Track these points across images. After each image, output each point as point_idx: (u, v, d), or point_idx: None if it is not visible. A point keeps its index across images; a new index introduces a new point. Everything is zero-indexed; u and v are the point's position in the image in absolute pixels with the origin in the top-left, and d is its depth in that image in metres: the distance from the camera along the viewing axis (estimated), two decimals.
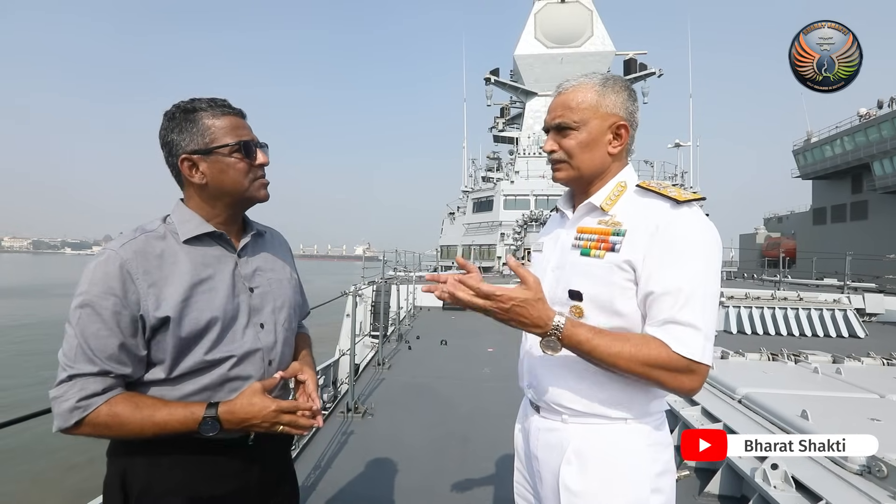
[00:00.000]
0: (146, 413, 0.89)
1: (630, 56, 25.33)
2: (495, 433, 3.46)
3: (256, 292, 1.05)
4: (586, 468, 0.96)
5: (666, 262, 0.89)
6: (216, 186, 1.00)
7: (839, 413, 2.61)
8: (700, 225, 0.91)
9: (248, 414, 0.92)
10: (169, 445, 0.93)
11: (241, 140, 0.99)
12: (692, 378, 0.87)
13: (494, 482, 2.69)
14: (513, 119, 28.10)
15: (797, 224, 34.46)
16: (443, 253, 23.23)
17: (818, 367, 3.62)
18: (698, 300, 0.87)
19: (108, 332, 0.88)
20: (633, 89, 1.04)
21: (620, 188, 1.01)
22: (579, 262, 0.99)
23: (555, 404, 1.02)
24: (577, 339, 0.88)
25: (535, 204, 19.99)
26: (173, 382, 0.95)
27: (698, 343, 0.86)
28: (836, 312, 8.21)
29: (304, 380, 1.08)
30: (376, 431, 3.53)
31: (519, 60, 25.29)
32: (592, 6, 25.02)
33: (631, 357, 0.86)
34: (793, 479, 2.05)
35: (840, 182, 28.77)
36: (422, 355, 6.31)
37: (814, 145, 29.37)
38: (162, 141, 0.99)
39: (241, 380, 0.98)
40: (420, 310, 10.83)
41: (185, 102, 0.99)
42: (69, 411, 0.86)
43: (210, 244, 1.02)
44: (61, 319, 0.91)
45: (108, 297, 0.88)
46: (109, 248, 0.92)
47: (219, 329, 0.96)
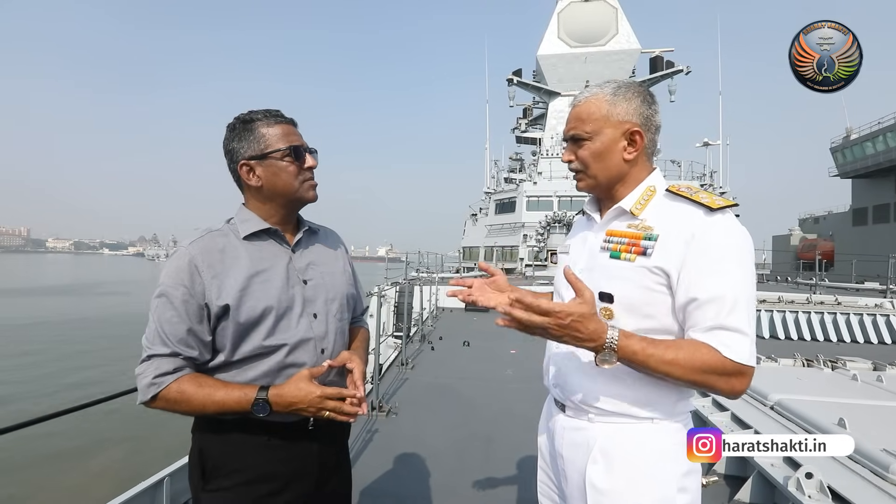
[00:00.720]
0: (207, 391, 0.99)
1: (656, 53, 24.79)
2: (519, 434, 3.47)
3: (310, 284, 1.13)
4: (613, 467, 0.98)
5: (707, 271, 0.90)
6: (270, 188, 1.10)
7: (880, 423, 2.50)
8: (736, 231, 0.93)
9: (295, 398, 0.99)
10: (239, 426, 1.04)
11: (292, 145, 1.09)
12: (741, 380, 0.89)
13: (518, 483, 2.70)
14: (535, 120, 27.93)
15: (835, 225, 32.93)
16: (465, 254, 23.26)
17: (857, 374, 3.47)
18: (743, 305, 0.89)
19: (179, 318, 1.00)
20: (649, 93, 1.06)
21: (650, 192, 1.03)
22: (609, 264, 1.01)
23: (581, 403, 1.03)
24: (632, 349, 0.89)
25: (558, 205, 19.80)
26: (236, 367, 1.05)
27: (746, 347, 0.88)
28: (877, 318, 7.83)
29: (351, 368, 1.14)
30: (400, 430, 3.58)
31: (542, 60, 25.11)
32: (617, 4, 24.62)
33: (686, 364, 0.88)
34: (829, 488, 1.99)
35: (883, 181, 27.33)
36: (444, 356, 6.35)
37: (853, 142, 28.02)
38: (225, 149, 1.12)
39: (296, 367, 1.07)
40: (442, 311, 10.89)
41: (244, 114, 1.11)
42: (147, 387, 0.98)
43: (266, 240, 1.12)
44: (104, 317, 1.01)
45: (179, 288, 1.00)
46: (182, 246, 1.05)
47: (274, 317, 1.05)
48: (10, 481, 7.02)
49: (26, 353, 14.85)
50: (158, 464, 2.39)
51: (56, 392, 11.21)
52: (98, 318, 22.64)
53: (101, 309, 25.90)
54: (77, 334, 18.75)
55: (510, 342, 7.25)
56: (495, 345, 7.09)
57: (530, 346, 7.01)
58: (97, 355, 15.06)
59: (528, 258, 19.29)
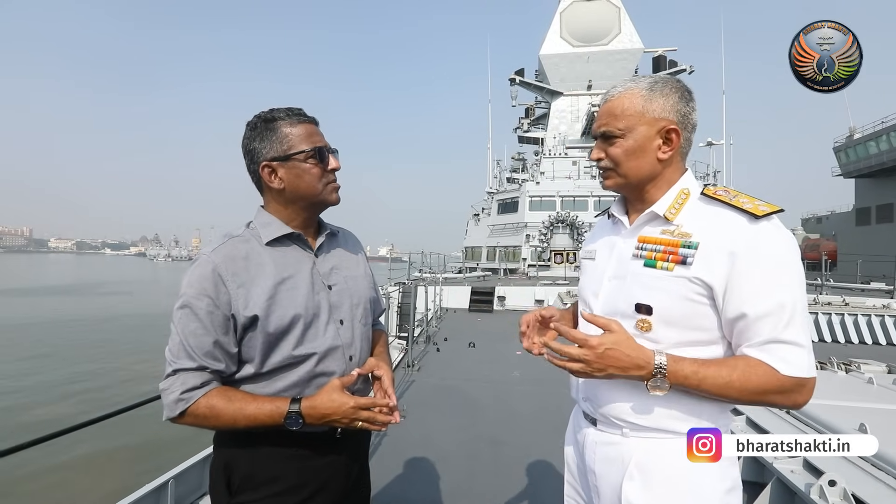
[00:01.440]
0: (238, 406, 0.95)
1: (659, 53, 24.70)
2: (527, 437, 3.44)
3: (334, 290, 1.10)
4: (650, 484, 0.93)
5: (756, 285, 0.85)
6: (292, 191, 1.06)
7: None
8: (784, 241, 0.88)
9: (329, 409, 0.96)
10: (267, 439, 1.00)
11: (316, 146, 1.05)
12: (803, 393, 0.86)
13: (527, 485, 2.66)
14: (538, 119, 27.85)
15: (838, 225, 32.83)
16: (468, 254, 23.20)
17: (873, 377, 3.41)
18: (798, 318, 0.85)
19: (204, 330, 0.96)
20: (687, 89, 0.99)
21: (684, 195, 0.97)
22: (643, 273, 0.95)
23: (614, 417, 0.98)
24: (684, 374, 0.86)
25: (561, 205, 19.73)
26: (265, 378, 1.01)
27: (805, 360, 0.84)
28: (885, 318, 7.77)
29: (380, 375, 1.11)
30: (408, 433, 3.54)
31: (544, 60, 25.05)
32: (620, 3, 24.55)
33: (742, 387, 0.85)
34: (853, 496, 1.94)
35: (887, 180, 27.23)
36: (450, 357, 6.32)
37: (857, 142, 27.93)
38: (245, 149, 1.07)
39: (325, 376, 1.04)
40: (446, 311, 10.86)
41: (265, 113, 1.06)
42: (175, 402, 0.94)
43: (289, 245, 1.08)
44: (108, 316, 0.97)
45: (203, 298, 0.96)
46: (203, 254, 1.01)
47: (302, 326, 1.02)
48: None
49: (38, 356, 14.82)
50: (162, 466, 2.37)
51: (59, 396, 11.18)
52: (100, 317, 22.68)
53: (104, 308, 25.95)
54: (84, 335, 18.74)
55: (516, 344, 7.20)
56: (501, 346, 7.05)
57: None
58: (104, 355, 15.04)
59: (530, 258, 19.23)
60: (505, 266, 18.70)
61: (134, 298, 31.21)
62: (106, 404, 9.78)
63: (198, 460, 2.37)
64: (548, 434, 3.41)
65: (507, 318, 10.34)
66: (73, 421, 1.67)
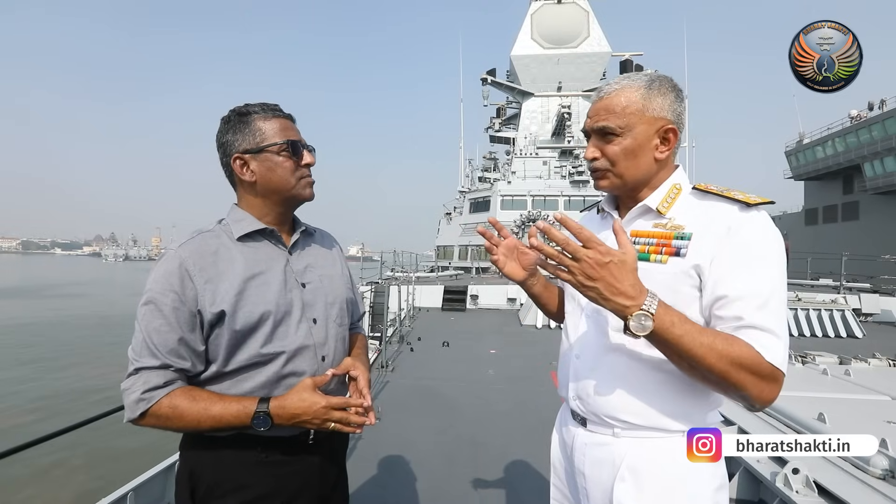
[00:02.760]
0: (202, 406, 0.91)
1: (626, 57, 25.44)
2: (505, 436, 3.45)
3: (308, 287, 1.06)
4: (643, 485, 0.91)
5: (739, 266, 0.83)
6: (265, 184, 1.03)
7: (854, 415, 2.60)
8: (771, 230, 0.87)
9: (299, 409, 0.92)
10: (233, 443, 0.95)
11: (289, 140, 1.03)
12: (772, 387, 0.80)
13: (507, 486, 2.66)
14: (509, 119, 28.12)
15: (790, 224, 34.80)
16: (440, 253, 23.20)
17: (826, 368, 3.62)
18: (776, 306, 0.82)
19: (169, 327, 0.91)
20: (679, 89, 0.98)
21: (676, 190, 0.96)
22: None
23: (607, 416, 0.96)
24: (670, 319, 0.78)
25: (532, 204, 20.00)
26: (230, 377, 0.97)
27: (780, 350, 0.80)
28: (834, 313, 8.28)
29: (356, 376, 1.07)
30: (384, 434, 3.49)
31: (515, 61, 25.35)
32: (589, 7, 25.13)
33: (723, 351, 0.78)
34: (815, 483, 2.04)
35: (832, 183, 29.09)
36: (424, 357, 6.28)
37: (806, 146, 29.69)
38: (218, 142, 1.04)
39: (295, 376, 1.00)
40: (419, 311, 10.80)
41: (240, 107, 1.04)
42: (135, 402, 0.89)
43: (261, 241, 1.04)
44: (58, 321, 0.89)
45: (168, 294, 0.92)
46: (170, 249, 0.97)
47: (272, 323, 0.97)
48: None
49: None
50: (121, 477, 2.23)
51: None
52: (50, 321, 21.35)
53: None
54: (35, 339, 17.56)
55: (489, 343, 7.25)
56: (475, 345, 7.07)
57: (509, 346, 7.04)
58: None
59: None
60: (477, 265, 18.79)
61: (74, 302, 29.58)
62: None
63: (159, 471, 2.24)
64: (526, 432, 3.44)
65: (481, 316, 10.39)
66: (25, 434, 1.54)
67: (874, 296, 10.58)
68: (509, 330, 8.67)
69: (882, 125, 23.73)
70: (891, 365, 3.94)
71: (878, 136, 23.99)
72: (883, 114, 23.78)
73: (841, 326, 8.11)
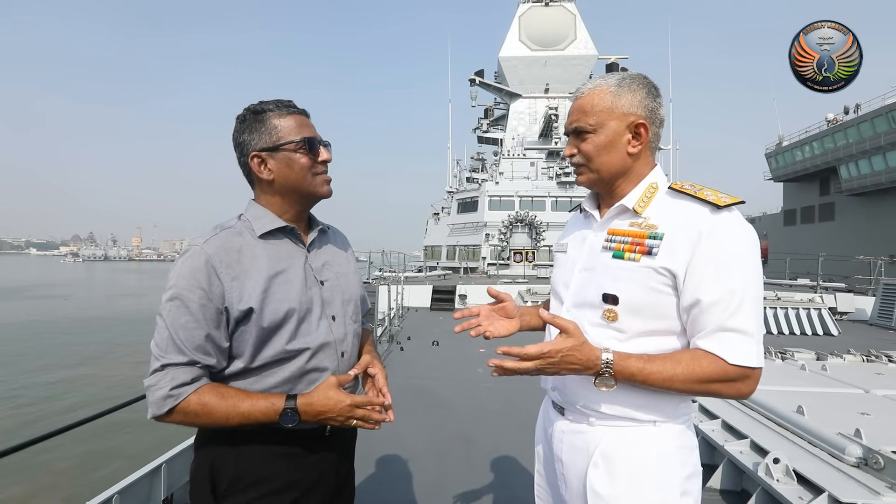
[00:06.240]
0: (231, 402, 0.93)
1: (612, 60, 25.78)
2: (497, 433, 3.49)
3: (326, 285, 1.09)
4: (614, 471, 0.96)
5: (713, 271, 0.88)
6: (282, 182, 1.04)
7: (830, 408, 2.72)
8: (742, 230, 0.91)
9: (325, 407, 0.95)
10: (254, 437, 0.97)
11: (306, 137, 1.04)
12: (747, 383, 0.88)
13: (500, 483, 2.71)
14: (497, 120, 28.28)
15: (769, 225, 35.67)
16: (428, 253, 23.20)
17: (805, 364, 3.76)
18: (748, 306, 0.87)
19: (196, 323, 0.92)
20: (654, 85, 1.03)
21: (652, 189, 1.00)
22: (611, 264, 0.98)
23: (581, 407, 1.01)
24: (630, 371, 0.89)
25: (519, 205, 20.14)
26: (255, 373, 0.98)
27: (751, 349, 0.87)
28: (811, 311, 8.54)
29: (374, 374, 1.11)
30: (377, 433, 3.46)
31: (503, 62, 25.50)
32: (576, 10, 25.41)
33: (686, 378, 0.88)
34: (794, 472, 2.13)
35: (809, 184, 29.93)
36: (414, 356, 6.30)
37: (785, 149, 30.50)
38: (235, 142, 1.05)
39: (318, 371, 1.03)
40: (408, 310, 10.81)
41: (255, 105, 1.04)
42: (163, 399, 0.90)
43: (282, 238, 1.06)
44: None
45: (195, 290, 0.92)
46: (195, 245, 0.97)
47: (296, 320, 1.00)
48: None
49: None
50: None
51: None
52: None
53: None
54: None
55: (479, 342, 7.28)
56: (464, 344, 7.11)
57: (498, 346, 7.08)
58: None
59: (490, 257, 19.51)
60: (465, 265, 18.87)
61: None
62: None
63: (145, 473, 2.20)
64: (516, 429, 3.49)
65: None
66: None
67: (849, 295, 10.92)
68: None
69: (857, 128, 24.52)
70: (864, 360, 4.10)
71: (854, 139, 24.77)
72: (858, 117, 24.57)
73: (818, 324, 8.37)
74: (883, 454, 1.99)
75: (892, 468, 1.94)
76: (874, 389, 3.07)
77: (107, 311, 27.36)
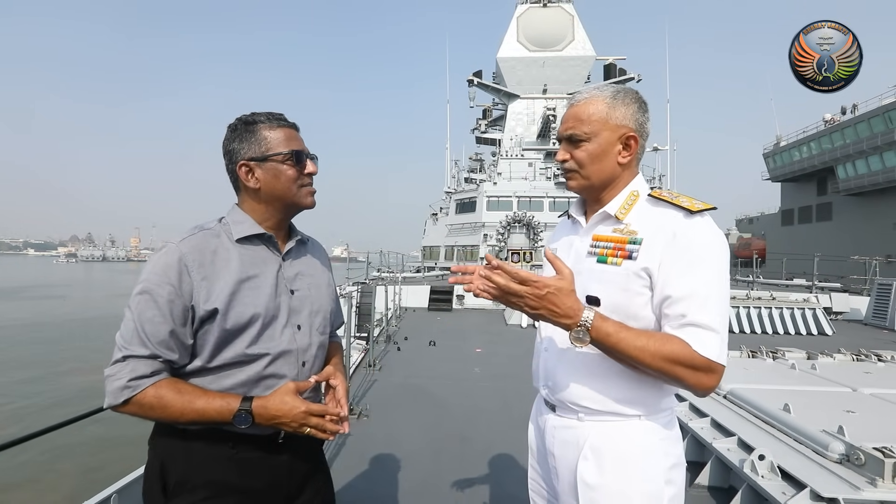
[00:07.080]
0: (187, 399, 0.94)
1: (610, 61, 25.84)
2: (492, 432, 3.54)
3: (296, 295, 1.11)
4: (603, 463, 1.02)
5: (682, 269, 0.94)
6: (268, 191, 1.07)
7: (817, 406, 2.77)
8: (712, 233, 0.97)
9: (280, 412, 0.96)
10: (205, 438, 0.99)
11: (294, 149, 1.07)
12: (710, 377, 0.92)
13: (495, 481, 2.75)
14: (495, 121, 28.31)
15: (767, 225, 35.77)
16: (426, 253, 23.23)
17: (795, 363, 3.81)
18: (714, 303, 0.93)
19: (162, 318, 0.94)
20: (643, 101, 1.09)
21: (634, 197, 1.06)
22: (596, 268, 1.04)
23: (571, 403, 1.07)
24: (606, 331, 0.92)
25: (517, 205, 20.18)
26: (213, 373, 1.00)
27: (716, 344, 0.92)
28: (805, 311, 8.60)
29: (335, 385, 1.12)
30: (373, 432, 3.55)
31: (501, 63, 25.53)
32: (574, 11, 25.46)
33: (655, 352, 0.91)
34: (779, 468, 2.18)
35: (806, 184, 30.02)
36: (411, 356, 6.35)
37: (783, 149, 30.59)
38: (224, 149, 1.08)
39: (276, 378, 1.03)
40: (406, 311, 10.86)
41: (247, 116, 1.08)
42: (120, 389, 0.92)
43: (258, 245, 1.08)
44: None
45: (165, 286, 0.95)
46: (171, 243, 1.00)
47: (260, 325, 1.02)
48: None
49: None
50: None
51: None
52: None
53: None
54: None
55: (476, 342, 7.35)
56: (461, 344, 7.17)
57: (494, 345, 7.15)
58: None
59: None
60: (463, 265, 18.88)
61: None
62: None
63: (143, 474, 2.21)
64: (511, 428, 3.53)
65: (467, 316, 10.49)
66: None
67: (844, 295, 10.99)
68: (494, 329, 8.79)
69: (854, 129, 24.60)
70: (854, 360, 4.15)
71: (851, 139, 24.86)
72: (855, 118, 24.65)
73: (812, 324, 8.44)
74: (864, 450, 2.04)
75: (872, 464, 1.99)
76: (862, 388, 3.12)
77: (106, 312, 27.32)
